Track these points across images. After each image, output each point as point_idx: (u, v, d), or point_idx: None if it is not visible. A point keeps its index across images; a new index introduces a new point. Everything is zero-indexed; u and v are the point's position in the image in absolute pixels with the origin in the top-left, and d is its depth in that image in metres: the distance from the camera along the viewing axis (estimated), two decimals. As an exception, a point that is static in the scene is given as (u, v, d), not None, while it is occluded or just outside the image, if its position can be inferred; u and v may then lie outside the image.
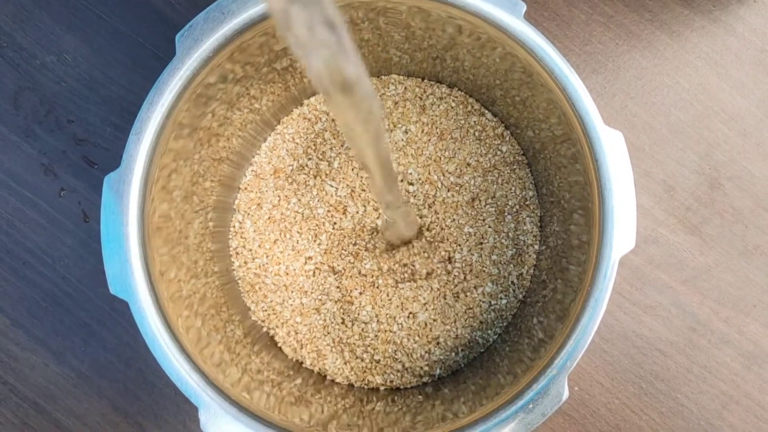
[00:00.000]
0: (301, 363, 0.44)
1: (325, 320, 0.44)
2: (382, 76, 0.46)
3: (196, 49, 0.33)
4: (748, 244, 0.48)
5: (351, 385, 0.44)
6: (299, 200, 0.44)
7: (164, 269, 0.34)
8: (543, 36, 0.33)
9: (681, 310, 0.48)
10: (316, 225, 0.44)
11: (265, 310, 0.44)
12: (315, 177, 0.45)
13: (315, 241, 0.44)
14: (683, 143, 0.49)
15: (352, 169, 0.45)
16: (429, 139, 0.45)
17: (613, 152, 0.32)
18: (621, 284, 0.48)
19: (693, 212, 0.48)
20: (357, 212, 0.44)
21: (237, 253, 0.45)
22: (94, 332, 0.48)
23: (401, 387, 0.43)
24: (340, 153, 0.45)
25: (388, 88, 0.46)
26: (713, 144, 0.49)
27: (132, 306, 0.32)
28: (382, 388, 0.43)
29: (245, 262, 0.44)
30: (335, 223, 0.44)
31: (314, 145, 0.46)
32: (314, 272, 0.44)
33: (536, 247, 0.44)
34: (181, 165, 0.36)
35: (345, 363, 0.43)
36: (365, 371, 0.43)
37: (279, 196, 0.45)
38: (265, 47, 0.37)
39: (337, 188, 0.44)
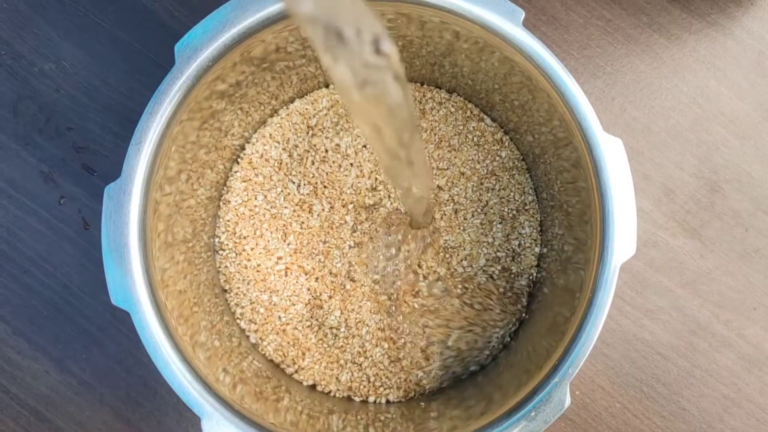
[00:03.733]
0: (283, 369, 0.44)
1: (296, 323, 0.44)
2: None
3: (195, 59, 0.33)
4: (747, 247, 0.48)
5: (349, 397, 0.44)
6: (265, 197, 0.44)
7: (165, 278, 0.34)
8: (542, 44, 0.33)
9: (681, 313, 0.48)
10: (284, 224, 0.44)
11: (249, 317, 0.44)
12: (278, 171, 0.45)
13: (284, 240, 0.44)
14: (682, 147, 0.49)
15: (316, 167, 0.45)
16: (426, 147, 0.45)
17: (613, 159, 0.32)
18: (621, 288, 0.48)
19: (693, 216, 0.48)
20: (323, 210, 0.44)
21: (219, 254, 0.45)
22: (95, 340, 0.48)
23: (388, 399, 0.44)
24: (309, 150, 0.45)
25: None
26: (712, 147, 0.49)
27: (134, 316, 0.32)
28: (371, 399, 0.44)
29: (227, 266, 0.44)
30: (303, 222, 0.44)
31: (291, 142, 0.46)
32: (285, 272, 0.44)
33: (536, 250, 0.44)
34: (179, 174, 0.36)
35: (335, 376, 0.44)
36: (360, 384, 0.43)
37: (248, 194, 0.45)
38: (271, 52, 0.37)
39: (298, 185, 0.44)
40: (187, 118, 0.35)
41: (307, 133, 0.45)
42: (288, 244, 0.44)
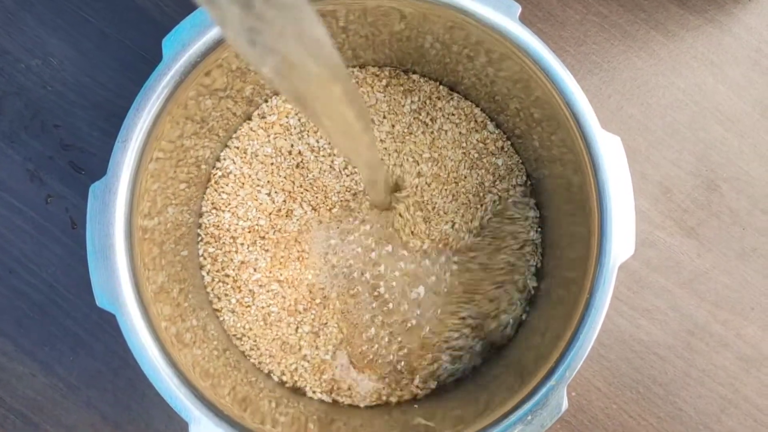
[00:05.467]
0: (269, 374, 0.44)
1: (276, 332, 0.43)
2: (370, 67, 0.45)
3: (183, 54, 0.32)
4: (745, 246, 0.48)
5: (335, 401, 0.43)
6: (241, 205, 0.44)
7: (152, 280, 0.33)
8: (539, 39, 0.33)
9: (678, 313, 0.47)
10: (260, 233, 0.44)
11: (233, 323, 0.43)
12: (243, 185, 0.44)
13: (259, 244, 0.43)
14: (679, 145, 0.48)
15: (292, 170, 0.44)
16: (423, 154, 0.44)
17: (611, 158, 0.32)
18: (618, 288, 0.47)
19: (690, 214, 0.48)
20: (304, 213, 0.44)
21: (205, 259, 0.44)
22: (82, 341, 0.47)
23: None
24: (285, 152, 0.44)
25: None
26: (709, 145, 0.48)
27: (119, 319, 0.31)
28: (361, 404, 0.43)
29: (209, 271, 0.44)
30: (280, 229, 0.44)
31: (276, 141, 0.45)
32: (259, 282, 0.43)
33: (534, 250, 0.43)
34: (167, 172, 0.36)
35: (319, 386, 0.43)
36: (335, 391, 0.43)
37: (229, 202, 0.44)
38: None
39: (269, 192, 0.44)
40: (175, 114, 0.34)
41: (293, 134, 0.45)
42: (266, 251, 0.43)
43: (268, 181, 0.43)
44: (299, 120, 0.44)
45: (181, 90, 0.33)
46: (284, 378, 0.43)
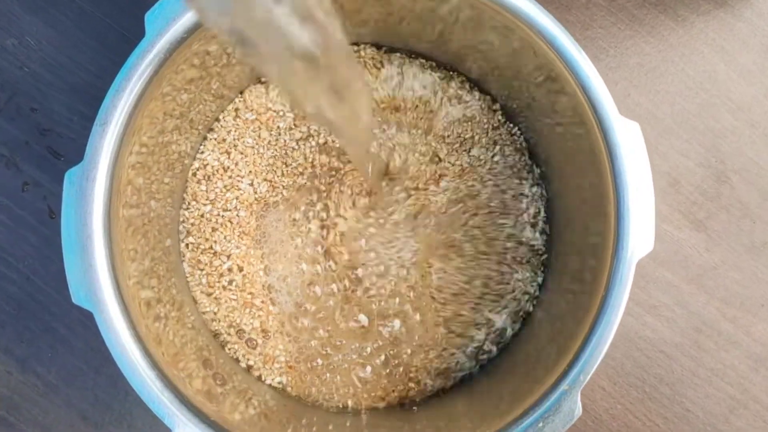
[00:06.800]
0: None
1: (272, 331, 0.41)
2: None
3: (168, 29, 0.30)
4: (755, 240, 0.46)
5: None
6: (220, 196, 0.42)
7: (133, 274, 0.31)
8: (552, 18, 0.30)
9: (686, 310, 0.46)
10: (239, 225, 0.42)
11: (217, 325, 0.41)
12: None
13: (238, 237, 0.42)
14: (688, 134, 0.47)
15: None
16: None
17: (629, 145, 0.30)
18: (624, 283, 0.46)
19: (698, 207, 0.46)
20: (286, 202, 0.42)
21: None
22: (61, 337, 0.45)
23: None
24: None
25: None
26: (720, 135, 0.47)
27: (97, 317, 0.29)
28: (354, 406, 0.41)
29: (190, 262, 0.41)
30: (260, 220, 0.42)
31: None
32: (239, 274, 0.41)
33: (542, 245, 0.41)
34: (151, 157, 0.33)
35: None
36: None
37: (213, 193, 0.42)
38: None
39: (252, 182, 0.42)
40: (160, 95, 0.31)
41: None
42: (246, 244, 0.41)
43: (250, 171, 0.41)
44: (281, 110, 0.42)
45: (167, 69, 0.31)
46: (271, 377, 0.40)
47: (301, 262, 0.42)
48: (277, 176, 0.42)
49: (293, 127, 0.42)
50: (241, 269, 0.41)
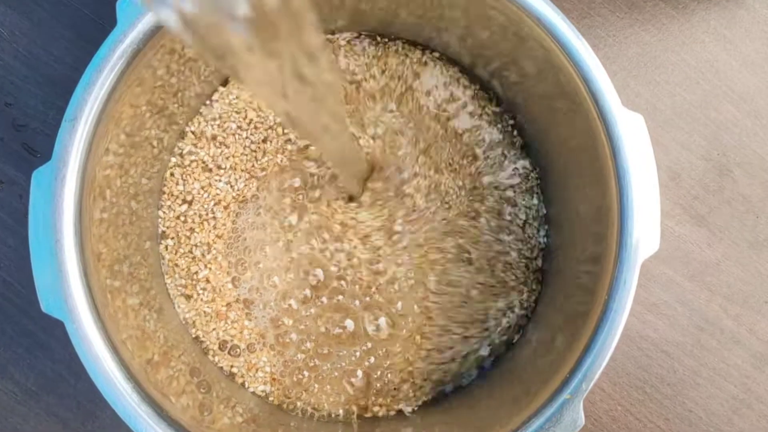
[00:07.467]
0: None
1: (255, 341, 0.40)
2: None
3: (141, 18, 0.28)
4: (759, 235, 0.45)
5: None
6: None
7: (108, 281, 0.29)
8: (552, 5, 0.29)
9: (687, 307, 0.45)
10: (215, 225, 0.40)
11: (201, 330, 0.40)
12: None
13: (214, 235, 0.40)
14: (689, 126, 0.45)
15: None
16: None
17: (633, 139, 0.28)
18: (624, 281, 0.45)
19: (700, 201, 0.45)
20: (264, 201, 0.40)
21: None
22: (40, 342, 0.44)
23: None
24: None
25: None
26: (721, 127, 0.46)
27: (68, 326, 0.27)
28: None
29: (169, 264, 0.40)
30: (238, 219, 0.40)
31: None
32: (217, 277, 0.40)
33: (541, 241, 0.40)
34: (127, 157, 0.31)
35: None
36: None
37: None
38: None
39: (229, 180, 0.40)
40: (133, 87, 0.29)
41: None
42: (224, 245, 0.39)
43: (229, 166, 0.40)
44: (257, 111, 0.40)
45: (141, 60, 0.29)
46: (254, 385, 0.39)
47: (278, 271, 0.40)
48: (257, 162, 0.40)
49: (276, 122, 0.40)
50: (208, 281, 0.39)
